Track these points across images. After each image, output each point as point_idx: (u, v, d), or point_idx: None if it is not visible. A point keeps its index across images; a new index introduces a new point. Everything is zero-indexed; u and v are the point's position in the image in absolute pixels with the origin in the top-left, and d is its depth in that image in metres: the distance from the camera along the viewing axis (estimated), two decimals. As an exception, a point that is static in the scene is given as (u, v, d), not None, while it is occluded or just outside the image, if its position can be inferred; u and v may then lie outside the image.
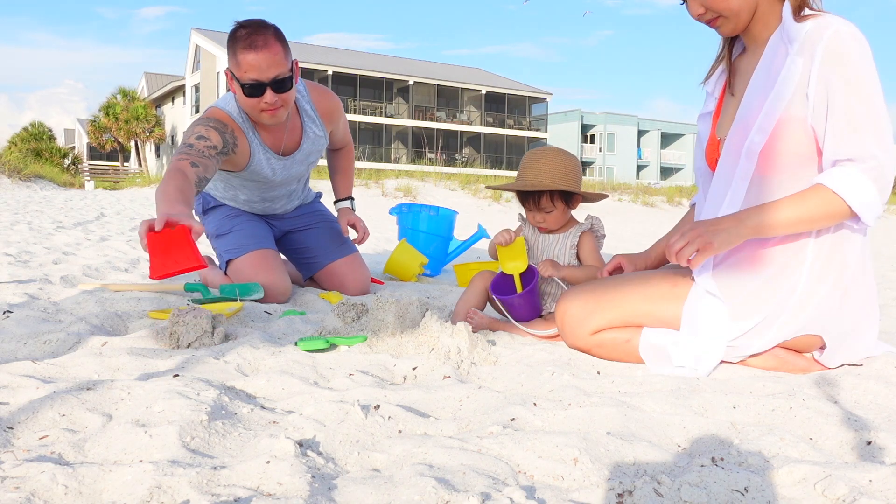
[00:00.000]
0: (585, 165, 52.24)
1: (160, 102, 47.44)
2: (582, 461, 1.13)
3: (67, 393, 1.34)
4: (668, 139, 57.11)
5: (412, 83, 40.68)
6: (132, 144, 43.10)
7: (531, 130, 44.48)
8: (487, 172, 29.88)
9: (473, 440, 1.21)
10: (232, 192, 2.84)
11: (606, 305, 1.81)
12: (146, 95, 46.40)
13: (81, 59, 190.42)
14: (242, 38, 2.32)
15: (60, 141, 49.72)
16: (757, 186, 1.70)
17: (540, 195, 2.15)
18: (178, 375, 1.51)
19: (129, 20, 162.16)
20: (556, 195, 2.15)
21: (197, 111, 39.66)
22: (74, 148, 52.17)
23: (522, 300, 2.11)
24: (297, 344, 1.87)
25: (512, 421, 1.33)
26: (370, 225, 8.14)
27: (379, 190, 17.62)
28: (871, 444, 1.26)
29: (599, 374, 1.73)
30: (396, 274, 3.50)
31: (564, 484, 1.08)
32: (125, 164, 43.74)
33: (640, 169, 54.61)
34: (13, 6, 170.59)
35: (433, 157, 40.78)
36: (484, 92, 43.04)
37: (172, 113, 45.16)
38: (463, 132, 42.90)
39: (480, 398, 1.46)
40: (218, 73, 37.18)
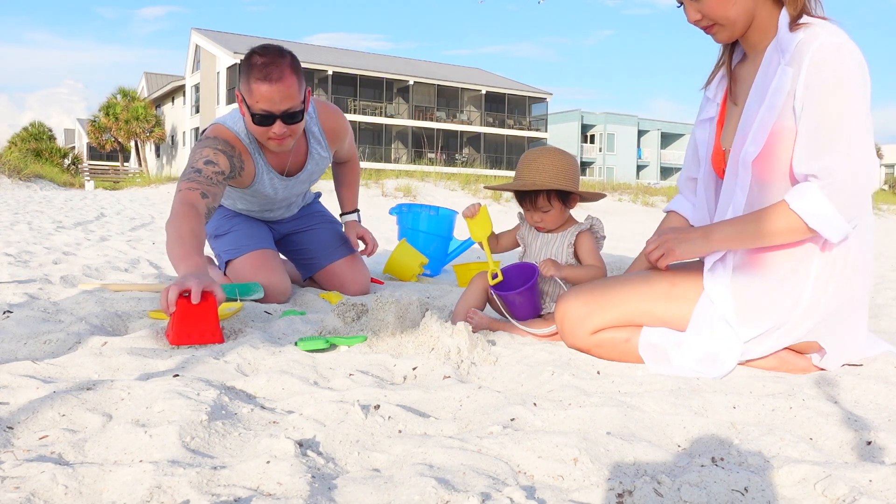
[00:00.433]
0: (585, 165, 52.25)
1: (160, 102, 47.49)
2: (582, 461, 1.13)
3: (67, 393, 1.34)
4: (668, 139, 57.09)
5: (412, 83, 40.68)
6: (132, 144, 43.12)
7: (531, 130, 44.47)
8: (487, 172, 29.86)
9: (473, 440, 1.21)
10: (230, 200, 2.83)
11: (606, 305, 1.81)
12: (146, 95, 46.43)
13: (81, 59, 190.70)
14: (258, 67, 2.25)
15: (60, 141, 49.70)
16: (758, 195, 1.71)
17: (537, 195, 2.15)
18: (178, 375, 1.51)
19: (129, 20, 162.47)
20: (553, 194, 2.15)
21: (197, 111, 39.67)
22: (74, 148, 52.16)
23: (522, 297, 2.10)
24: (297, 344, 1.87)
25: (512, 421, 1.33)
26: (370, 225, 8.13)
27: (379, 190, 17.60)
28: (871, 444, 1.26)
29: (599, 374, 1.73)
30: (396, 274, 3.49)
31: (564, 484, 1.08)
32: (125, 164, 43.77)
33: (640, 169, 54.59)
34: (13, 6, 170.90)
35: (433, 157, 40.76)
36: (484, 92, 43.03)
37: (172, 113, 45.19)
38: (463, 132, 42.89)
39: (480, 398, 1.46)
40: (218, 73, 37.19)
